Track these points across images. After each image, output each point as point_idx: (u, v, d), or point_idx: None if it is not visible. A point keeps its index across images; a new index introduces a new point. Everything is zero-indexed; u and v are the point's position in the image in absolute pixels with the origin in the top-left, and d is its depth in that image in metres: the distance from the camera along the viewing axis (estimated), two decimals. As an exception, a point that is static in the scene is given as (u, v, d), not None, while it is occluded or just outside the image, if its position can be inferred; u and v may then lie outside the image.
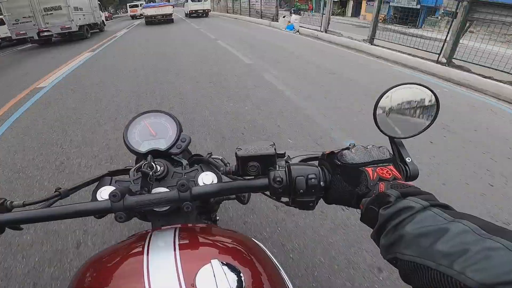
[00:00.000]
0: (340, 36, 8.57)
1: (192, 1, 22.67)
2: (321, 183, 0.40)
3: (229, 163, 0.50)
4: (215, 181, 0.50)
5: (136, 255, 0.43)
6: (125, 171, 0.56)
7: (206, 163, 0.55)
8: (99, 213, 0.42)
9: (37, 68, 6.91)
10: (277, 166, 0.44)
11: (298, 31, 10.97)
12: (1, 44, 12.72)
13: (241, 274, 0.35)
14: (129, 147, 0.57)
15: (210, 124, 3.09)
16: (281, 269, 0.47)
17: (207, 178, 0.50)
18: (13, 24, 10.70)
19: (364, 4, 23.87)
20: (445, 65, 5.07)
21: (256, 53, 6.89)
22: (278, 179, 0.40)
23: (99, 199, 0.47)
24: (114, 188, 0.45)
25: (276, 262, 0.48)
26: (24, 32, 10.88)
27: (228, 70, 5.35)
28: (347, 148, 0.42)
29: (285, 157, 0.47)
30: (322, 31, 9.58)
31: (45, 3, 10.76)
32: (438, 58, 5.30)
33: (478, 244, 0.24)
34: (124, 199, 0.40)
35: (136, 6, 29.32)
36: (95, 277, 0.42)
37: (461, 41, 5.04)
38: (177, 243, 0.43)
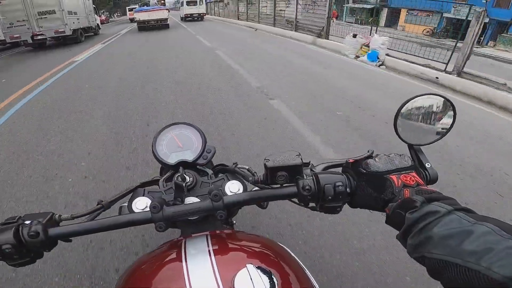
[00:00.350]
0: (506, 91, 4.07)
1: (187, 5, 22.38)
2: (347, 189, 0.43)
3: (256, 173, 0.54)
4: (241, 189, 0.52)
5: (175, 261, 0.45)
6: (154, 182, 0.58)
7: (232, 173, 0.57)
8: (141, 223, 0.45)
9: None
10: (304, 174, 0.47)
11: (382, 63, 6.13)
12: None
13: (273, 277, 0.36)
14: (158, 159, 0.59)
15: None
16: (306, 269, 0.49)
17: (233, 187, 0.52)
18: (7, 27, 10.63)
19: (403, 13, 19.77)
20: None
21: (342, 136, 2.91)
22: (307, 187, 0.43)
23: (135, 210, 0.49)
24: (148, 199, 0.50)
25: (301, 263, 0.50)
26: (18, 35, 10.81)
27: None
28: (370, 156, 0.45)
29: (310, 166, 0.50)
30: (450, 72, 5.02)
31: (39, 7, 10.73)
32: None
33: (501, 243, 0.27)
34: (163, 210, 0.43)
35: (131, 9, 29.07)
36: (138, 284, 0.44)
37: None
38: (211, 249, 0.45)
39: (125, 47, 10.19)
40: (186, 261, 0.43)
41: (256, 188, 0.50)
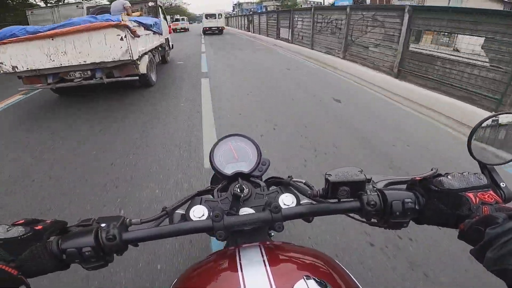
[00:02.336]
0: None
1: (206, 18, 22.58)
2: (416, 206, 0.44)
3: (313, 186, 0.52)
4: (295, 202, 0.53)
5: (230, 270, 0.46)
6: (209, 191, 0.60)
7: (286, 186, 0.57)
8: (202, 231, 0.47)
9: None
10: (367, 190, 0.46)
11: None
12: None
13: None
14: (215, 169, 0.62)
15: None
16: (357, 281, 0.47)
17: (287, 200, 0.53)
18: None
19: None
20: None
21: None
22: (372, 202, 0.44)
23: (192, 218, 0.51)
24: (204, 207, 0.52)
25: (352, 276, 0.48)
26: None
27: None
28: (439, 175, 0.46)
29: (371, 182, 0.50)
30: None
31: (66, 17, 11.77)
32: None
33: None
34: (223, 219, 0.45)
35: (178, 20, 33.65)
36: None
37: None
38: (265, 259, 0.45)
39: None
40: (241, 270, 0.43)
41: (312, 201, 0.51)
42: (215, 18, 22.41)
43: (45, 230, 0.42)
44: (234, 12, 62.27)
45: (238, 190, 0.51)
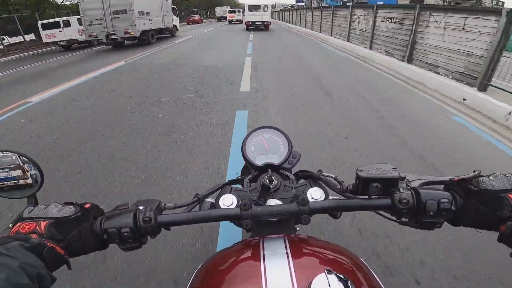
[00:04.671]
0: None
1: (250, 11, 18.86)
2: (452, 207, 0.43)
3: (343, 182, 0.53)
4: (323, 197, 0.53)
5: (253, 259, 0.47)
6: (239, 181, 0.63)
7: (315, 179, 0.57)
8: (230, 219, 0.48)
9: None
10: (400, 188, 0.45)
11: None
12: (72, 46, 13.28)
13: (349, 285, 0.36)
14: (247, 160, 0.63)
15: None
16: (380, 281, 0.47)
17: (315, 194, 0.53)
18: (87, 25, 11.34)
19: None
20: None
21: None
22: (404, 201, 0.43)
23: (221, 206, 0.52)
24: (234, 196, 0.53)
25: (375, 275, 0.47)
26: (95, 34, 11.46)
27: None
28: (480, 176, 0.43)
29: (405, 180, 0.48)
30: None
31: (114, 6, 11.14)
32: None
33: None
34: (251, 208, 0.45)
35: (234, 12, 30.90)
36: (216, 276, 0.47)
37: None
38: (288, 251, 0.45)
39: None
40: (264, 260, 0.44)
41: (340, 197, 0.51)
42: (260, 10, 18.67)
43: (92, 209, 0.45)
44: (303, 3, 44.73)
45: (267, 181, 0.53)
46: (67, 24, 12.31)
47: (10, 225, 0.43)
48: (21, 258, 0.34)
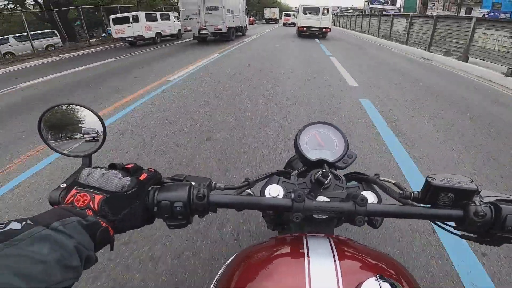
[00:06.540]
0: None
1: (305, 14, 14.68)
2: None
3: (405, 188, 0.48)
4: (376, 201, 0.50)
5: (297, 256, 0.44)
6: (287, 173, 0.59)
7: (369, 183, 0.54)
8: (279, 209, 0.45)
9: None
10: (475, 201, 0.43)
11: None
12: (137, 42, 12.73)
13: None
14: (300, 152, 0.60)
15: None
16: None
17: (369, 197, 0.47)
18: (184, 19, 11.93)
19: None
20: None
21: None
22: (481, 213, 0.41)
23: (266, 195, 0.50)
24: (281, 188, 0.50)
25: (418, 283, 0.45)
26: (190, 28, 12.02)
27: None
28: None
29: (479, 194, 0.45)
30: None
31: (208, 2, 11.61)
32: None
33: None
34: (305, 201, 0.43)
35: (289, 15, 31.08)
36: (252, 269, 0.45)
37: None
38: (335, 252, 0.43)
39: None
40: (309, 257, 0.42)
41: (398, 203, 0.47)
42: (318, 14, 14.53)
43: (148, 180, 0.43)
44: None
45: (321, 176, 0.48)
46: (136, 19, 11.91)
47: (62, 185, 0.40)
48: (77, 237, 0.31)
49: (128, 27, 12.02)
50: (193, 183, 0.45)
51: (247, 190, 0.54)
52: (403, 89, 4.84)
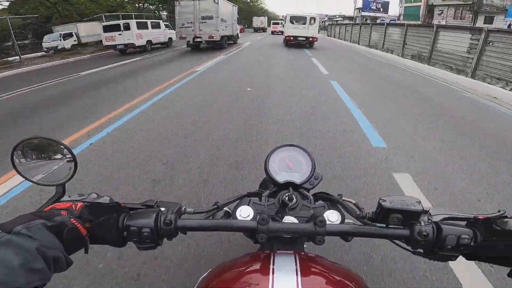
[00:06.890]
0: None
1: (292, 23, 14.89)
2: (472, 243, 0.44)
3: (363, 208, 0.53)
4: (339, 220, 0.52)
5: (262, 273, 0.46)
6: (258, 194, 0.62)
7: (333, 202, 0.58)
8: (245, 231, 0.49)
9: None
10: (421, 221, 0.46)
11: None
12: (128, 50, 12.55)
13: None
14: (269, 175, 0.63)
15: None
16: None
17: (332, 216, 0.52)
18: (179, 27, 12.26)
19: None
20: None
21: None
22: (424, 233, 0.44)
23: (237, 217, 0.52)
24: (251, 209, 0.53)
25: None
26: (184, 36, 12.34)
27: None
28: (505, 216, 0.44)
29: (427, 214, 0.49)
30: None
31: (203, 11, 12.04)
32: None
33: None
34: (269, 223, 0.46)
35: (277, 23, 33.31)
36: (223, 285, 0.47)
37: None
38: (298, 268, 0.46)
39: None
40: (273, 274, 0.44)
41: (355, 222, 0.53)
42: (305, 23, 14.73)
43: (124, 208, 0.46)
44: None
45: (287, 199, 0.54)
46: (127, 27, 11.84)
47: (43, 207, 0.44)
48: (40, 238, 0.32)
49: (119, 34, 11.90)
50: (162, 209, 0.47)
51: (225, 208, 0.59)
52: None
